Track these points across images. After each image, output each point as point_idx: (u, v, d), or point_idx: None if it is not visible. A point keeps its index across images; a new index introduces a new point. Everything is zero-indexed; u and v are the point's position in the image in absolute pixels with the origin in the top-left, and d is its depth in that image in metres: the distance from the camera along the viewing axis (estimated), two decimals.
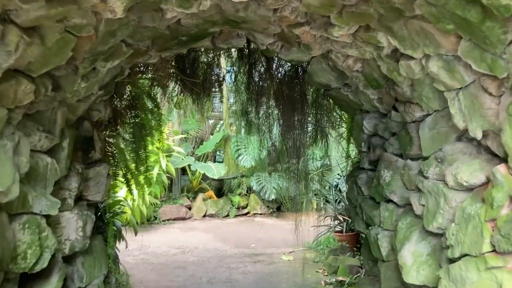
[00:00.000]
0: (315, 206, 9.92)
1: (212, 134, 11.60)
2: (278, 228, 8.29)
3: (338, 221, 6.09)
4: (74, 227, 2.96)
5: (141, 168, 4.50)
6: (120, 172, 4.40)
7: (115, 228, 4.61)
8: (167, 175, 9.09)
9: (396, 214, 3.36)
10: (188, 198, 9.77)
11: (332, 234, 6.14)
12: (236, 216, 9.33)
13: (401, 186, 3.28)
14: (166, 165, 8.47)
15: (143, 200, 7.54)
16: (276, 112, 4.56)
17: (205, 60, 4.07)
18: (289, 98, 4.38)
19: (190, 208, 9.28)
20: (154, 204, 8.34)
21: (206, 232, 7.81)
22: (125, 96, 4.10)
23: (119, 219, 4.82)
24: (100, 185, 3.50)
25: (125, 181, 4.50)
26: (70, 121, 2.84)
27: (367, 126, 3.96)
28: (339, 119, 5.30)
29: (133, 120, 4.32)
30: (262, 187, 9.14)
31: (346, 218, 5.86)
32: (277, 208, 9.86)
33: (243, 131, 6.65)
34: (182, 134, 10.14)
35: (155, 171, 8.27)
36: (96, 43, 2.28)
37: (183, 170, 10.44)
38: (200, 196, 9.54)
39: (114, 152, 4.03)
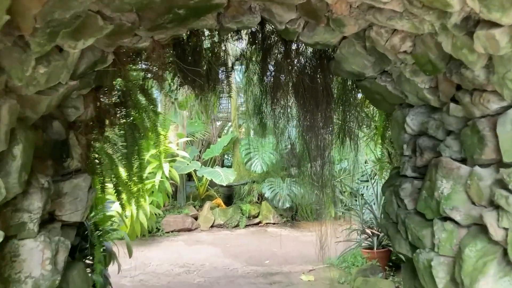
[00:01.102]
0: (333, 215, 9.20)
1: (219, 136, 10.94)
2: (294, 240, 7.57)
3: (366, 235, 5.36)
4: (39, 259, 2.28)
5: (134, 178, 3.83)
6: (110, 183, 3.74)
7: (105, 249, 3.93)
8: (171, 181, 8.44)
9: (457, 237, 2.64)
10: (194, 206, 9.10)
11: (359, 250, 5.40)
12: (246, 226, 8.63)
13: (466, 200, 2.56)
14: (170, 171, 7.80)
15: (144, 211, 6.87)
16: (295, 109, 3.85)
17: (210, 46, 3.39)
18: (311, 92, 3.68)
19: (196, 218, 8.60)
20: (156, 215, 7.67)
21: (214, 246, 7.12)
22: (113, 91, 3.43)
23: (110, 237, 4.13)
24: (79, 202, 2.83)
25: (115, 194, 3.83)
26: (29, 120, 2.16)
27: (410, 124, 3.23)
28: (367, 117, 4.59)
29: (123, 121, 3.65)
30: (275, 194, 8.43)
31: (376, 232, 5.13)
32: (292, 216, 9.13)
33: (253, 132, 5.99)
34: (187, 137, 9.47)
35: (157, 178, 7.62)
36: (49, 6, 1.60)
37: (189, 176, 9.77)
38: (207, 204, 8.85)
39: (101, 159, 3.35)
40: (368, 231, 5.27)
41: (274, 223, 8.86)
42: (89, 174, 3.02)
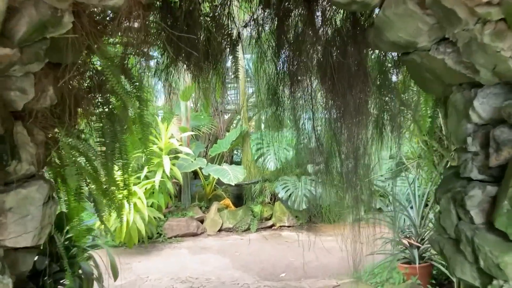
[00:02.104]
0: (361, 219, 8.40)
1: (228, 131, 10.19)
2: (313, 247, 6.80)
3: (402, 246, 4.58)
4: None
5: (117, 183, 3.10)
6: (86, 190, 3.02)
7: (81, 273, 3.22)
8: (174, 181, 7.73)
9: None
10: (200, 208, 8.37)
11: (395, 263, 4.61)
12: (258, 229, 7.88)
13: None
14: (171, 169, 7.08)
15: (141, 215, 6.16)
16: (320, 93, 3.08)
17: (209, 10, 2.62)
18: (341, 72, 2.89)
19: (202, 221, 7.87)
20: (157, 218, 6.96)
21: (222, 254, 6.39)
22: (83, 71, 2.69)
23: (85, 258, 3.40)
24: (30, 220, 2.10)
25: (93, 204, 3.11)
26: None
27: (479, 109, 2.42)
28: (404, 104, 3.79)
29: (100, 110, 2.91)
30: (290, 195, 7.66)
31: (415, 243, 4.35)
32: (308, 218, 8.37)
33: (266, 124, 5.23)
34: (192, 131, 8.74)
35: (157, 178, 6.90)
36: None
37: (195, 174, 9.05)
38: (215, 205, 8.12)
39: (66, 161, 2.62)
40: (405, 241, 4.49)
41: (289, 226, 8.10)
42: (45, 182, 2.27)
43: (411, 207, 4.62)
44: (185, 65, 2.79)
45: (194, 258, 6.20)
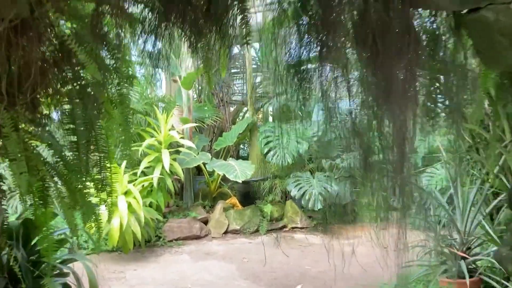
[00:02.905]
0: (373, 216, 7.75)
1: (234, 123, 9.55)
2: (330, 252, 6.15)
3: (442, 257, 3.91)
4: None
5: (95, 183, 2.47)
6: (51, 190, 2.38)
7: None
8: (175, 177, 7.10)
9: None
10: (204, 207, 7.73)
11: (434, 277, 3.94)
12: (268, 231, 7.23)
13: None
14: (171, 164, 6.45)
15: (137, 216, 5.54)
16: (356, 65, 2.41)
17: None
18: (384, 37, 2.22)
19: (206, 222, 7.24)
20: (155, 220, 6.34)
21: (228, 261, 5.76)
22: (42, 37, 2.04)
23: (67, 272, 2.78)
24: None
25: (61, 209, 2.47)
26: None
27: None
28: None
29: (68, 88, 2.26)
30: (304, 193, 7.00)
31: (462, 253, 3.68)
32: (323, 219, 7.71)
33: (279, 111, 4.61)
34: (195, 122, 8.09)
35: (155, 174, 6.28)
36: None
37: (198, 170, 8.42)
38: (220, 205, 7.48)
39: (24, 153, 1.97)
40: (447, 250, 3.82)
41: (302, 228, 7.44)
42: None
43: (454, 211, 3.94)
44: (179, 28, 2.13)
45: (197, 266, 5.57)
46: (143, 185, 6.21)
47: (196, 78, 7.67)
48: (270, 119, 10.53)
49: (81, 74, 2.25)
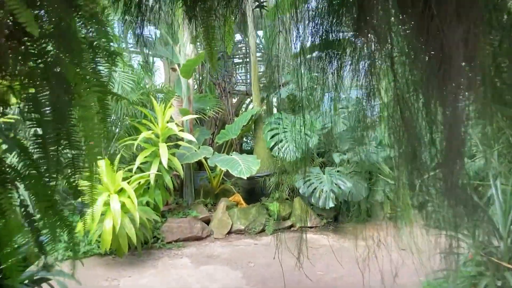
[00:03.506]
0: (387, 212, 7.29)
1: (237, 115, 9.06)
2: (344, 255, 5.68)
3: (481, 268, 3.42)
4: None
5: (67, 186, 1.99)
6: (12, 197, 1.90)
7: None
8: (175, 173, 6.62)
9: None
10: (206, 205, 7.27)
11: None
12: (274, 231, 6.76)
13: None
14: (170, 159, 5.96)
15: (132, 217, 5.07)
16: (402, 31, 1.90)
17: None
18: None
19: (208, 222, 6.77)
20: (153, 220, 5.86)
21: (233, 266, 5.29)
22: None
23: None
24: None
25: (26, 219, 2.00)
26: None
27: None
28: None
29: (31, 66, 1.77)
30: (314, 190, 6.52)
31: (507, 265, 3.19)
32: (334, 217, 7.24)
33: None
34: (195, 114, 7.60)
35: (152, 170, 5.80)
36: None
37: (199, 165, 7.95)
38: (223, 203, 7.00)
39: None
40: (485, 258, 3.33)
41: (311, 227, 6.98)
42: None
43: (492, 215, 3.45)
44: None
45: (198, 272, 5.10)
46: (139, 183, 5.73)
47: (196, 66, 7.15)
48: (275, 110, 10.04)
49: (47, 49, 1.76)
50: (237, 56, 9.66)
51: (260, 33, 10.03)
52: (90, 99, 1.85)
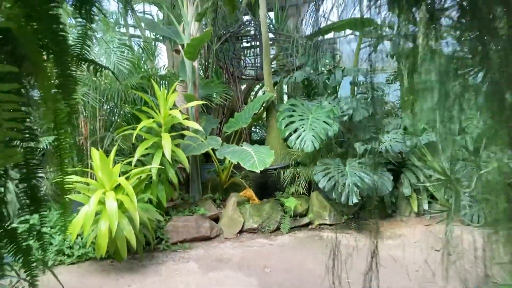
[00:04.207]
0: (415, 209, 6.66)
1: (245, 103, 8.43)
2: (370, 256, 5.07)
3: None
4: None
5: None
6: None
7: None
8: (180, 166, 6.02)
9: None
10: (214, 201, 6.69)
11: None
12: (291, 229, 6.17)
13: None
14: (174, 151, 5.36)
15: (131, 216, 4.49)
16: None
17: None
18: None
19: (217, 220, 6.19)
20: (156, 220, 5.27)
21: (246, 272, 4.70)
22: None
23: None
24: None
25: None
26: None
27: None
28: None
29: None
30: (334, 184, 5.90)
31: None
32: (355, 214, 6.62)
33: None
34: (201, 101, 6.97)
35: (154, 164, 5.22)
36: None
37: (207, 156, 7.35)
38: (233, 198, 6.40)
39: None
40: None
41: (331, 225, 6.36)
42: None
43: None
44: None
45: (206, 279, 4.51)
46: (139, 177, 5.14)
47: (202, 46, 6.51)
48: (286, 97, 9.41)
49: None
50: (245, 40, 9.00)
51: (271, 14, 9.37)
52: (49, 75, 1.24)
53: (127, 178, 4.87)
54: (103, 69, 1.58)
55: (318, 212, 6.37)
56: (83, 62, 1.46)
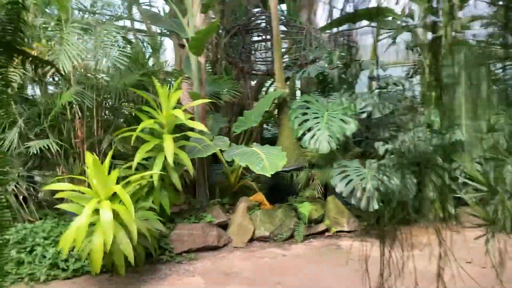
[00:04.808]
0: (441, 214, 6.15)
1: (256, 100, 7.98)
2: (392, 269, 4.60)
3: None
4: None
5: None
6: None
7: None
8: (186, 169, 5.60)
9: None
10: (223, 205, 6.26)
11: None
12: (305, 237, 5.72)
13: None
14: (177, 154, 4.95)
15: (128, 227, 4.08)
16: None
17: None
18: None
19: (225, 227, 5.76)
20: (158, 230, 4.87)
21: (256, 286, 4.28)
22: None
23: None
24: None
25: None
26: None
27: None
28: None
29: None
30: (354, 189, 5.43)
31: None
32: (376, 219, 6.12)
33: None
34: (208, 99, 6.53)
35: (156, 169, 4.80)
36: None
37: (214, 157, 6.90)
38: (243, 203, 5.97)
39: None
40: None
41: (349, 231, 5.89)
42: None
43: None
44: None
45: None
46: (140, 184, 4.74)
47: (208, 39, 6.07)
48: (298, 93, 8.94)
49: None
50: (256, 33, 8.54)
51: (283, 6, 8.90)
52: None
53: (126, 184, 4.47)
54: (44, 64, 1.16)
55: (335, 218, 5.91)
56: (15, 54, 1.03)
